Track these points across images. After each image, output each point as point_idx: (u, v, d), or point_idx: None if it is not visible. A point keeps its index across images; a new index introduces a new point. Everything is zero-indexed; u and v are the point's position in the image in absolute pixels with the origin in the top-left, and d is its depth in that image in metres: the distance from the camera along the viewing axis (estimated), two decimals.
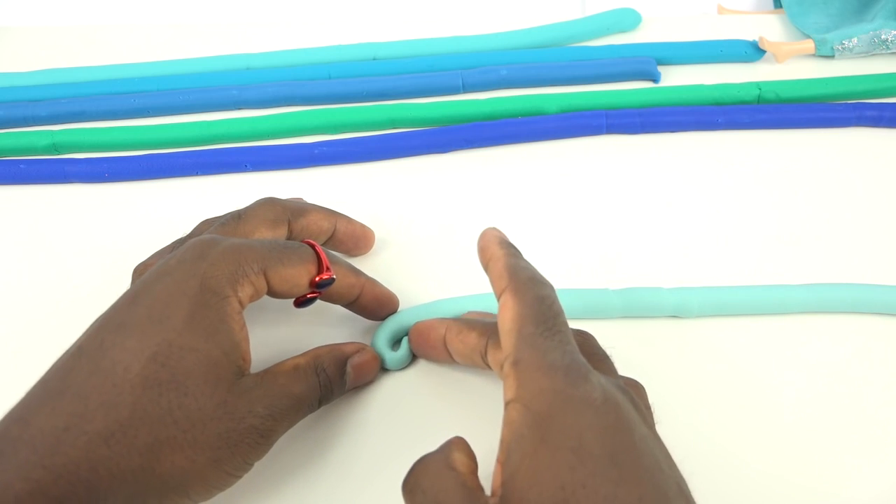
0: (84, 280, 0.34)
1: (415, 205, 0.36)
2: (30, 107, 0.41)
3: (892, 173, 0.36)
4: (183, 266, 0.24)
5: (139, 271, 0.29)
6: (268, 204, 0.29)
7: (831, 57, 0.42)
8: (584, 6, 0.49)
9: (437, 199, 0.36)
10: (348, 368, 0.27)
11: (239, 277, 0.24)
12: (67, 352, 0.24)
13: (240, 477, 0.24)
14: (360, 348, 0.28)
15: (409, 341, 0.29)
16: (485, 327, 0.25)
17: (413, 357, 0.30)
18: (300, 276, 0.26)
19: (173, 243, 0.30)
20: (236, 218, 0.28)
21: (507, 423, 0.20)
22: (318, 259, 0.27)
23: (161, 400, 0.22)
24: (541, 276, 0.23)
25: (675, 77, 0.41)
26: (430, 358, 0.28)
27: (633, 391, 0.23)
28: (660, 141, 0.39)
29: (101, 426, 0.21)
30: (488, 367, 0.25)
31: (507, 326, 0.22)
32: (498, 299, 0.23)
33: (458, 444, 0.22)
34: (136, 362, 0.22)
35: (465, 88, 0.41)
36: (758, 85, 0.40)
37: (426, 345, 0.28)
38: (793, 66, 0.42)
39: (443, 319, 0.27)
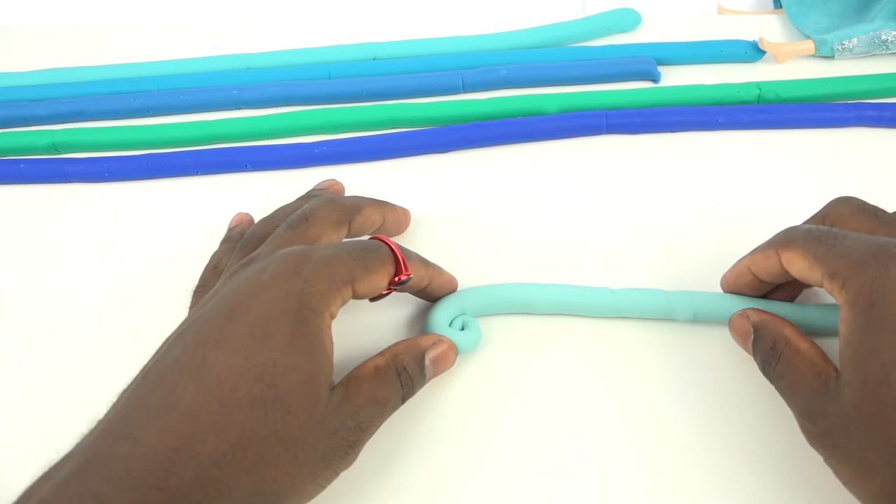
0: (84, 280, 0.34)
1: (415, 205, 0.36)
2: (30, 107, 0.41)
3: (892, 173, 0.36)
4: (279, 282, 0.24)
5: (199, 293, 0.29)
6: (330, 205, 0.29)
7: (831, 57, 0.42)
8: (584, 6, 0.49)
9: (437, 199, 0.36)
10: (427, 362, 0.27)
11: (332, 291, 0.24)
12: (163, 365, 0.23)
13: (325, 487, 0.24)
14: (437, 340, 0.28)
15: (723, 286, 0.30)
16: (772, 244, 0.27)
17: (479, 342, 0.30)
18: (382, 279, 0.26)
19: (219, 255, 0.31)
20: (303, 220, 0.28)
21: (841, 321, 0.23)
22: (395, 258, 0.27)
23: (267, 419, 0.22)
24: (788, 230, 0.27)
25: (675, 77, 0.41)
26: (742, 292, 0.29)
27: None
28: (660, 141, 0.39)
29: (213, 447, 0.21)
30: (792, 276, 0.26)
31: (805, 265, 0.25)
32: (777, 269, 0.26)
33: (792, 329, 0.26)
34: (243, 382, 0.22)
35: (465, 88, 0.41)
36: (758, 85, 0.40)
37: (739, 280, 0.29)
38: (793, 66, 0.42)
39: (741, 261, 0.29)
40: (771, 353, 0.25)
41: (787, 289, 0.29)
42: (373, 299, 0.28)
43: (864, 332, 0.22)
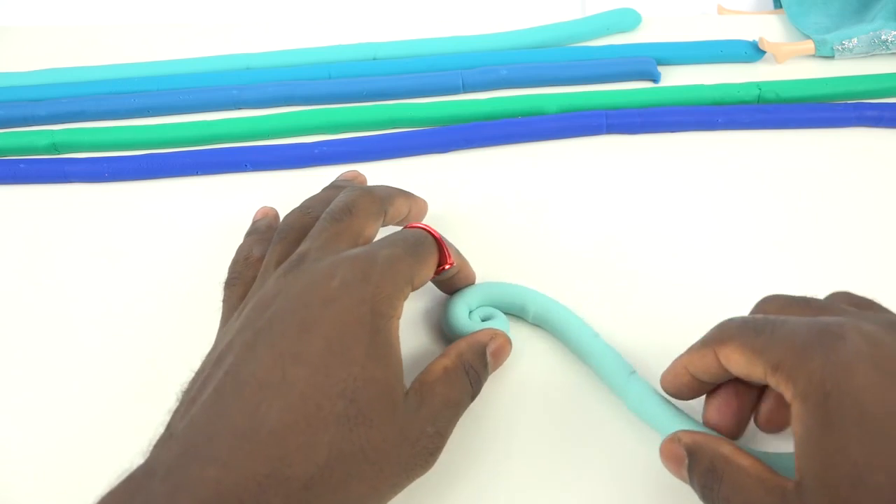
0: (84, 280, 0.34)
1: None
2: (30, 107, 0.41)
3: (892, 173, 0.36)
4: (350, 291, 0.24)
5: (232, 286, 0.28)
6: (369, 196, 0.29)
7: (831, 57, 0.42)
8: (584, 6, 0.49)
9: (437, 199, 0.36)
10: (488, 357, 0.27)
11: (398, 293, 0.24)
12: (237, 379, 0.22)
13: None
14: (493, 334, 0.28)
15: (662, 386, 0.26)
16: (707, 342, 0.24)
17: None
18: (431, 270, 0.27)
19: (248, 246, 0.30)
20: (346, 213, 0.28)
21: (794, 419, 0.20)
22: (438, 247, 0.27)
23: (352, 436, 0.22)
24: (721, 325, 0.24)
25: (675, 77, 0.41)
26: (682, 395, 0.26)
27: None
28: (660, 141, 0.39)
29: (301, 470, 0.21)
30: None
31: (744, 361, 0.22)
32: (716, 368, 0.23)
33: (731, 446, 0.22)
34: (326, 399, 0.22)
35: (465, 88, 0.41)
36: (758, 85, 0.40)
37: (677, 381, 0.26)
38: (793, 66, 0.42)
39: (678, 360, 0.25)
40: (710, 476, 0.22)
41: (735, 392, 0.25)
42: None
43: (825, 429, 0.19)
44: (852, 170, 0.37)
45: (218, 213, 0.36)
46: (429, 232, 0.27)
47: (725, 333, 0.23)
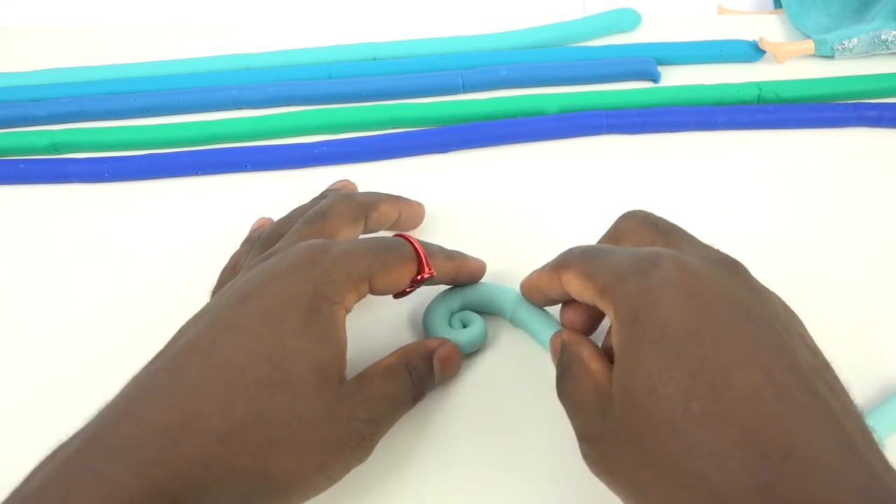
0: (84, 280, 0.34)
1: None
2: (30, 107, 0.41)
3: (892, 173, 0.36)
4: (296, 270, 0.24)
5: (223, 278, 0.29)
6: (346, 202, 0.29)
7: (831, 57, 0.42)
8: (584, 6, 0.49)
9: (436, 200, 0.36)
10: (435, 362, 0.27)
11: (348, 285, 0.25)
12: (174, 347, 0.23)
13: (336, 482, 0.24)
14: (442, 342, 0.28)
15: (521, 290, 0.29)
16: (553, 267, 0.26)
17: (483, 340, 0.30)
18: (402, 277, 0.27)
19: (238, 255, 0.31)
20: (320, 217, 0.28)
21: (613, 337, 0.22)
22: (417, 256, 0.27)
23: (274, 401, 0.22)
24: (566, 252, 0.26)
25: (675, 77, 0.41)
26: (540, 305, 0.29)
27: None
28: (660, 141, 0.39)
29: (216, 424, 0.21)
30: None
31: (576, 284, 0.24)
32: (562, 290, 0.25)
33: (592, 351, 0.24)
34: (250, 362, 0.22)
35: (465, 88, 0.42)
36: (758, 85, 0.40)
37: (531, 296, 0.29)
38: (793, 66, 0.42)
39: (532, 276, 0.28)
40: (565, 371, 0.24)
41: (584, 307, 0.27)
42: (396, 296, 0.28)
43: (630, 345, 0.21)
44: (852, 170, 0.37)
45: (218, 213, 0.36)
46: (407, 240, 0.27)
47: (567, 260, 0.25)
